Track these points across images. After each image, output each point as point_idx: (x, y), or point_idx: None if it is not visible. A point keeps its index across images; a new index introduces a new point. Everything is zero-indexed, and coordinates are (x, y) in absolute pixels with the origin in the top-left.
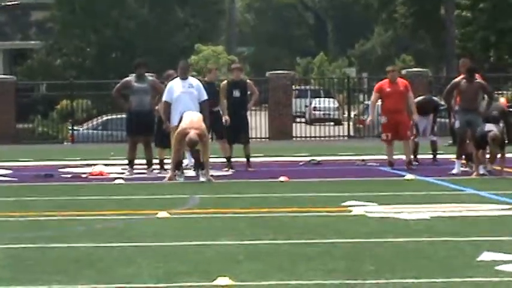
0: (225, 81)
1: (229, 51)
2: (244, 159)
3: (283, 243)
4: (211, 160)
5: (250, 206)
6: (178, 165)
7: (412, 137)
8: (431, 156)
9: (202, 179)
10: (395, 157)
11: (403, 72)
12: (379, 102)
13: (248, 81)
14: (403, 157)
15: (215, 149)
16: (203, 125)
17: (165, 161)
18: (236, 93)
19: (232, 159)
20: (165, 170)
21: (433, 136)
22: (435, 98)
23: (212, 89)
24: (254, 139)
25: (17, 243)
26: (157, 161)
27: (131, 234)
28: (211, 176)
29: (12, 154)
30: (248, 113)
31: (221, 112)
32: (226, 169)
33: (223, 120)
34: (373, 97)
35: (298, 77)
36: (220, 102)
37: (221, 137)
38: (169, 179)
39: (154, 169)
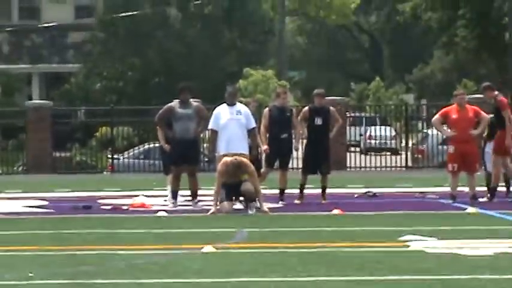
0: (307, 108)
1: (280, 76)
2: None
3: (337, 280)
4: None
5: (301, 240)
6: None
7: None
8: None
9: (250, 211)
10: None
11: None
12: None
13: (331, 108)
14: (466, 189)
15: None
16: (246, 160)
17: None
18: (318, 121)
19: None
20: None
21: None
22: None
23: (283, 115)
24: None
25: (55, 279)
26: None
27: (175, 270)
28: (268, 208)
29: (48, 184)
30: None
31: (294, 139)
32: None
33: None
34: (435, 118)
35: (353, 104)
36: (297, 129)
37: (285, 166)
38: (213, 213)
39: (199, 200)
